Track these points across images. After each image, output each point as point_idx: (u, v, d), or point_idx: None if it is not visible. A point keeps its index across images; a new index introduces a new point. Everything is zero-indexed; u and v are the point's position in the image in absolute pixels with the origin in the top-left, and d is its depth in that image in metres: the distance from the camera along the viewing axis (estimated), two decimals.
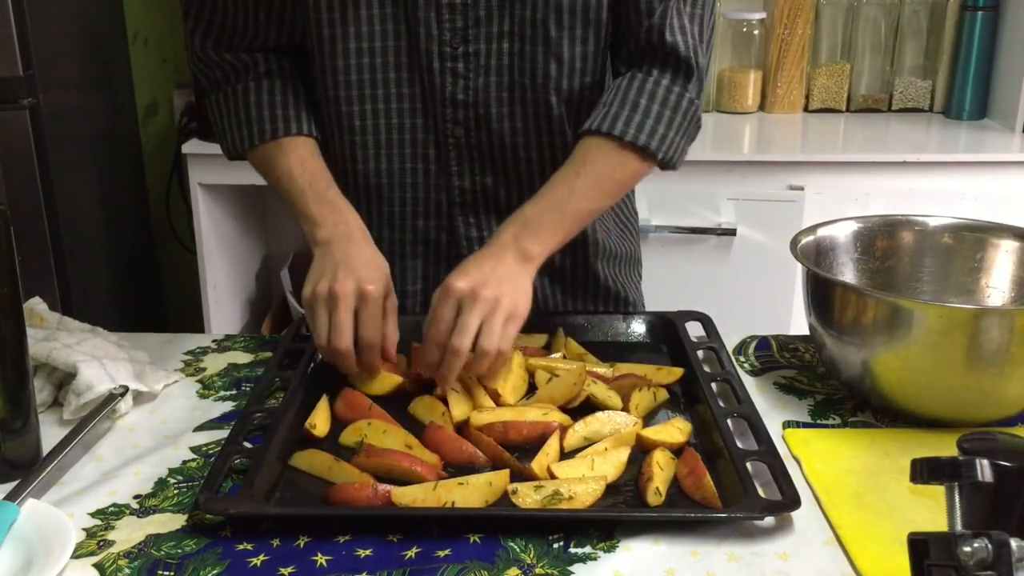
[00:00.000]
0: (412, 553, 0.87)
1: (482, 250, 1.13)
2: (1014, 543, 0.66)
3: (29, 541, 0.87)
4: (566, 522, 0.91)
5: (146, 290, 2.69)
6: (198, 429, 1.10)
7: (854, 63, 2.51)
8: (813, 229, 1.23)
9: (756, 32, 2.48)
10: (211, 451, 1.05)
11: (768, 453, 0.98)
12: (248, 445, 1.00)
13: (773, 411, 1.13)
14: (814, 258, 1.21)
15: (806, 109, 2.54)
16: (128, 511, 0.95)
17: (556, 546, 0.88)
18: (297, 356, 1.19)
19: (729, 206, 2.15)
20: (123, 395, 1.11)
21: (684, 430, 1.04)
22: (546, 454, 0.99)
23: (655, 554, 0.88)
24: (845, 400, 1.16)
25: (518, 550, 0.88)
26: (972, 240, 1.23)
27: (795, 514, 0.92)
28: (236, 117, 1.23)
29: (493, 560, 0.87)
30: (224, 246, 2.39)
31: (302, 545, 0.89)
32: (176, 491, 0.98)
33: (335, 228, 1.15)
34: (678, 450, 1.01)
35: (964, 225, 1.25)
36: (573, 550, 0.88)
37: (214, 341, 1.32)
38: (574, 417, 1.06)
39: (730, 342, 1.29)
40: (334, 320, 1.09)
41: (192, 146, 2.25)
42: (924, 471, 0.73)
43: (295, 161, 1.20)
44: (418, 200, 1.27)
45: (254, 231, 2.64)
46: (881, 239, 1.25)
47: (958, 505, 0.72)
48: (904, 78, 2.51)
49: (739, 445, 0.99)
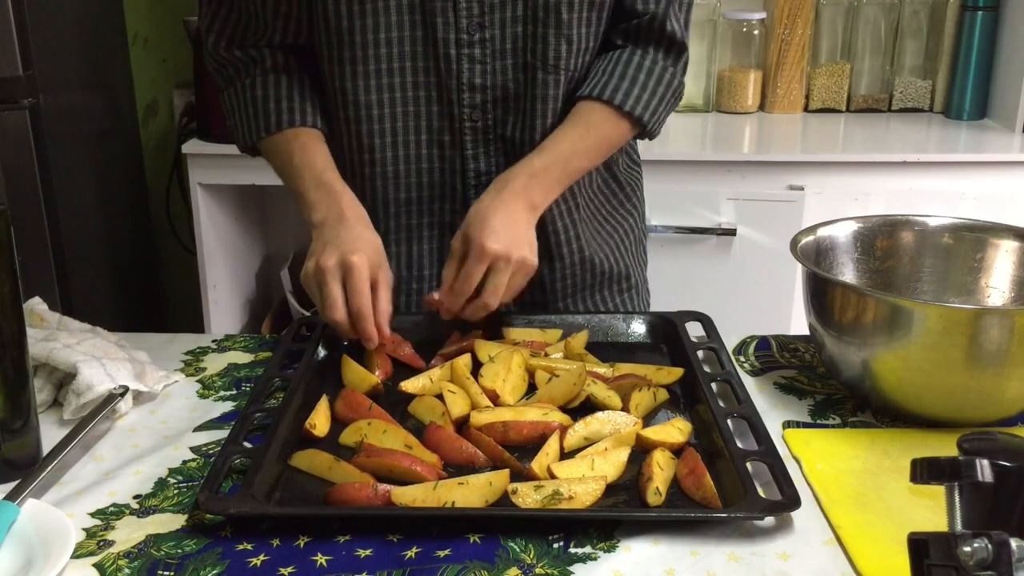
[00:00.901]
0: (412, 553, 0.87)
1: (495, 196, 1.19)
2: (1014, 543, 0.66)
3: (29, 541, 0.87)
4: (566, 522, 0.91)
5: (146, 290, 2.69)
6: (198, 429, 1.10)
7: (854, 63, 2.51)
8: (813, 229, 1.23)
9: (756, 32, 2.48)
10: (211, 451, 1.05)
11: (768, 453, 0.98)
12: (248, 445, 1.00)
13: (773, 411, 1.13)
14: (814, 258, 1.21)
15: (806, 109, 2.54)
16: (128, 511, 0.95)
17: (556, 546, 0.88)
18: (297, 356, 1.19)
19: (729, 206, 2.15)
20: (123, 395, 1.11)
21: (684, 430, 1.04)
22: (546, 454, 0.99)
23: (655, 554, 0.88)
24: (845, 400, 1.16)
25: (518, 550, 0.88)
26: (972, 240, 1.23)
27: (795, 514, 0.91)
28: (246, 110, 1.28)
29: (493, 560, 0.87)
30: (224, 246, 2.39)
31: (302, 545, 0.89)
32: (176, 491, 0.98)
33: (328, 210, 1.20)
34: (678, 450, 1.01)
35: (964, 225, 1.25)
36: (573, 550, 0.88)
37: (214, 341, 1.32)
38: (574, 417, 1.06)
39: (730, 342, 1.29)
40: (323, 293, 1.14)
41: (192, 146, 2.25)
42: (924, 471, 0.73)
43: (297, 148, 1.25)
44: (434, 184, 1.31)
45: (254, 231, 2.64)
46: (881, 239, 1.25)
47: (958, 505, 0.72)
48: (904, 78, 2.51)
49: (739, 445, 0.99)
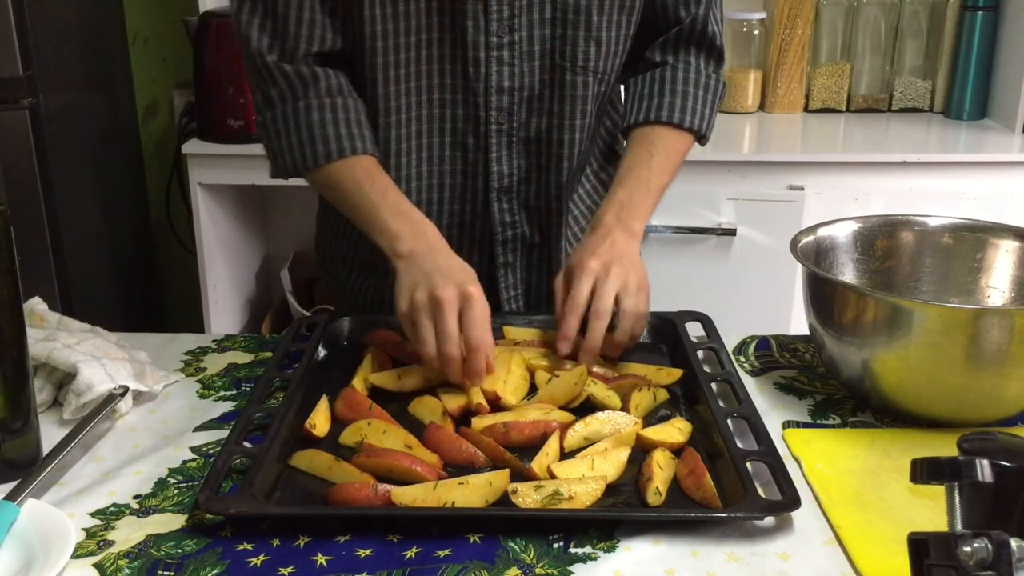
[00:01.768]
0: (412, 553, 0.87)
1: (592, 234, 1.20)
2: (1014, 543, 0.66)
3: (29, 541, 0.87)
4: (566, 522, 0.91)
5: (146, 290, 2.69)
6: (198, 429, 1.10)
7: (854, 63, 2.51)
8: (813, 229, 1.23)
9: (756, 32, 2.48)
10: (211, 451, 1.05)
11: (768, 453, 0.98)
12: (248, 445, 1.00)
13: (773, 411, 1.13)
14: (814, 258, 1.21)
15: (806, 109, 2.54)
16: (128, 511, 0.95)
17: (556, 546, 0.88)
18: (297, 356, 1.19)
19: (729, 206, 2.15)
20: (123, 395, 1.11)
21: (684, 430, 1.04)
22: (546, 454, 0.99)
23: (655, 554, 0.88)
24: (845, 400, 1.16)
25: (518, 550, 0.88)
26: (972, 240, 1.23)
27: (795, 514, 0.92)
28: (298, 135, 1.21)
29: (493, 560, 0.87)
30: (224, 246, 2.39)
31: (302, 545, 0.89)
32: (176, 491, 0.98)
33: (415, 241, 1.16)
34: (678, 450, 1.01)
35: (964, 225, 1.25)
36: (573, 550, 0.88)
37: (214, 341, 1.32)
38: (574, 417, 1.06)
39: (730, 342, 1.29)
40: (441, 327, 1.08)
41: (192, 146, 2.25)
42: (924, 471, 0.73)
43: (363, 176, 1.20)
44: (456, 186, 1.31)
45: (254, 231, 2.64)
46: (881, 239, 1.25)
47: (958, 505, 0.72)
48: (904, 78, 2.51)
49: (739, 445, 0.99)
